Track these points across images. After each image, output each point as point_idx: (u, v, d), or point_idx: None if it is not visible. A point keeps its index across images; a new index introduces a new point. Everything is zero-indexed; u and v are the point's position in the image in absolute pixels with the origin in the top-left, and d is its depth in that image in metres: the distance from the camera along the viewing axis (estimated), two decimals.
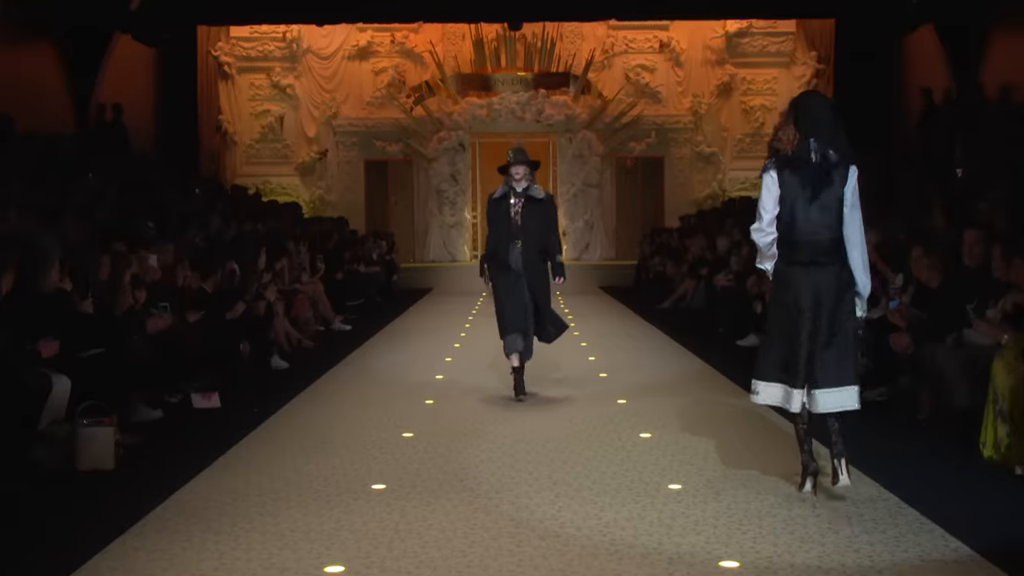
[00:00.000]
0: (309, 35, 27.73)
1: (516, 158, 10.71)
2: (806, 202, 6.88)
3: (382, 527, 6.34)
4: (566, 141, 27.34)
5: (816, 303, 6.84)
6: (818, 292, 6.85)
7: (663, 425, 9.26)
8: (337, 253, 20.10)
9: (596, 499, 6.91)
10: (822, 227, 6.86)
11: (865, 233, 7.04)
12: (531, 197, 10.72)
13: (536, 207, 10.74)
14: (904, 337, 9.53)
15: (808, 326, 6.84)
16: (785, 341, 6.96)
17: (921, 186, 14.79)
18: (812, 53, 27.52)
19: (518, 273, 10.59)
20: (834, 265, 6.88)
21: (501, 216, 10.76)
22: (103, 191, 15.77)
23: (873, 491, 7.03)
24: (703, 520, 6.42)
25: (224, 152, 27.67)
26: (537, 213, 10.73)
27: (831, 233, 6.87)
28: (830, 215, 6.86)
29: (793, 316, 6.90)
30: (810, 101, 7.35)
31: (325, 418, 9.66)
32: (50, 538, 6.20)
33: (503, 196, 10.77)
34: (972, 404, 8.06)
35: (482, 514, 6.58)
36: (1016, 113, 17.58)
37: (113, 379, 8.58)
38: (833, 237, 6.87)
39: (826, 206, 6.86)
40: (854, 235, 6.89)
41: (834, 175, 6.88)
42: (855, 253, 6.91)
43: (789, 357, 6.92)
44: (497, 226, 10.79)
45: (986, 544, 5.84)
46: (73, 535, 6.21)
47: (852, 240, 6.89)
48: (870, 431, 8.94)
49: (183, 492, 7.15)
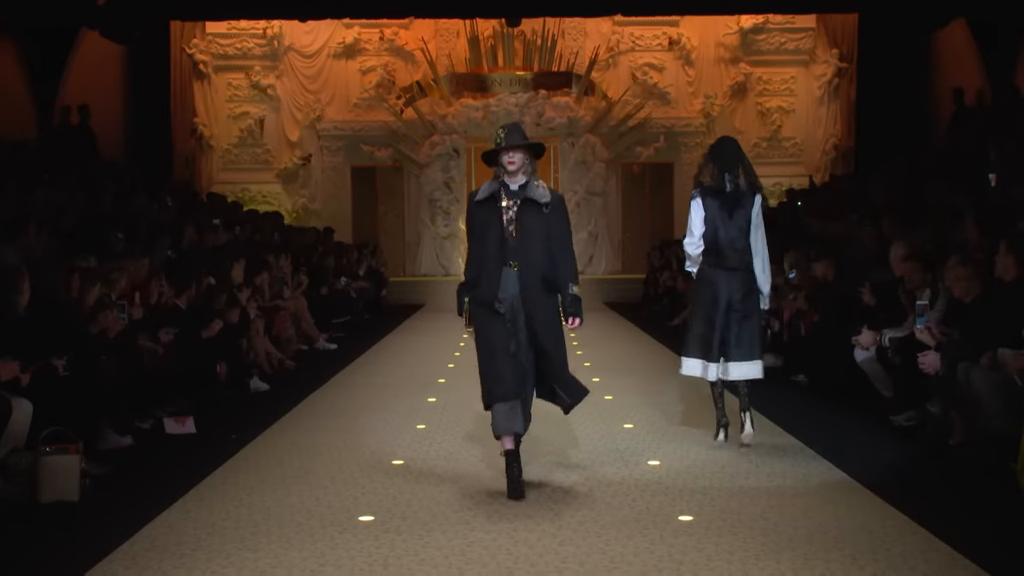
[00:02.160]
0: (291, 32, 27.78)
1: (510, 139, 8.02)
2: (724, 221, 9.34)
3: (370, 563, 6.33)
4: (568, 146, 27.36)
5: (730, 298, 9.32)
6: (732, 290, 9.33)
7: (673, 452, 9.25)
8: (321, 266, 20.09)
9: (601, 532, 6.90)
10: (737, 240, 9.33)
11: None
12: (531, 200, 8.08)
13: (539, 214, 8.08)
14: (934, 357, 9.51)
15: (723, 315, 9.32)
16: (706, 326, 9.41)
17: (952, 193, 14.80)
18: (834, 51, 27.58)
19: (514, 311, 8.06)
20: (745, 270, 9.35)
21: (487, 226, 8.17)
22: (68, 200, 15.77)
23: (902, 524, 7.02)
24: (716, 555, 6.41)
25: (199, 157, 27.69)
26: (541, 222, 8.08)
27: (743, 244, 9.32)
28: (742, 231, 9.32)
29: (713, 307, 9.36)
30: (725, 145, 9.71)
31: (308, 445, 9.64)
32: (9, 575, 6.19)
33: (490, 197, 8.15)
34: (1008, 429, 8.05)
35: (478, 548, 6.57)
36: None
37: (79, 403, 8.54)
38: (744, 248, 9.33)
39: (738, 224, 9.32)
40: (757, 247, 9.36)
41: (743, 201, 9.35)
42: (758, 260, 9.37)
43: (707, 339, 9.40)
44: (482, 241, 8.23)
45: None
46: (35, 574, 6.19)
47: (756, 250, 9.36)
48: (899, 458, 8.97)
49: (154, 526, 7.13)
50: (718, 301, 9.33)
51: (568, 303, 8.12)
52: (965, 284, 9.74)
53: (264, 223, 22.54)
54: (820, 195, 23.17)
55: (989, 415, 8.46)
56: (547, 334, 8.08)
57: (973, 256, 10.20)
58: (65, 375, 8.60)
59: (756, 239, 9.34)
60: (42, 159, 18.90)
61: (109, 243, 12.84)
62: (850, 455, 8.91)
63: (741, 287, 9.32)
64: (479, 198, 8.20)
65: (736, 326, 9.32)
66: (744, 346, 9.35)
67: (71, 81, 22.20)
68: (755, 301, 9.39)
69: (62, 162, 19.12)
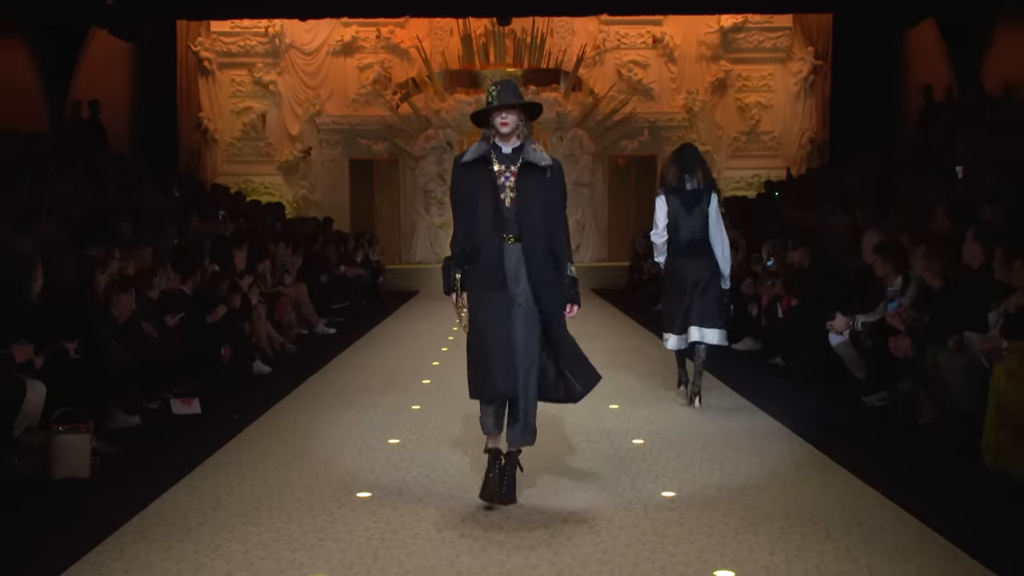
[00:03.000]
0: (292, 30, 27.70)
1: (502, 98, 6.98)
2: (684, 215, 10.30)
3: (367, 536, 6.33)
4: (557, 139, 27.31)
5: (696, 279, 10.27)
6: (697, 272, 10.27)
7: (656, 431, 9.27)
8: (321, 254, 20.08)
9: (588, 507, 6.91)
10: (696, 231, 10.27)
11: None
12: (531, 164, 7.06)
13: (540, 180, 7.06)
14: (904, 340, 9.54)
15: (690, 293, 10.27)
16: (677, 305, 10.38)
17: (922, 185, 14.81)
18: (809, 49, 27.56)
19: (526, 296, 7.01)
20: (705, 256, 10.27)
21: (478, 194, 7.04)
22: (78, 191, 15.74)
23: (873, 499, 7.04)
24: (697, 528, 6.42)
25: (204, 150, 27.62)
26: (542, 190, 7.05)
27: (702, 235, 10.26)
28: (701, 224, 10.25)
29: (682, 289, 10.33)
30: (685, 150, 10.73)
31: (309, 424, 9.65)
32: (23, 549, 6.18)
33: (480, 159, 7.06)
34: (974, 409, 8.07)
35: (470, 523, 6.58)
36: (1019, 111, 17.61)
37: (89, 385, 8.57)
38: (703, 238, 10.26)
39: (697, 218, 10.27)
40: (716, 237, 10.27)
41: (701, 198, 10.31)
42: (718, 248, 10.27)
43: (677, 314, 10.36)
44: (472, 210, 7.06)
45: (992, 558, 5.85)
46: (47, 546, 6.19)
47: (715, 240, 10.27)
48: (871, 437, 8.99)
49: (161, 501, 7.14)
50: (685, 283, 10.31)
51: (566, 286, 7.06)
52: (933, 272, 9.78)
53: (266, 213, 22.54)
54: (797, 186, 23.17)
55: (956, 395, 8.50)
56: (557, 320, 7.05)
57: (941, 245, 10.23)
58: (76, 358, 8.61)
59: (715, 231, 10.28)
60: (54, 152, 18.85)
61: (116, 232, 12.80)
62: (824, 434, 8.93)
63: (705, 269, 10.25)
64: (466, 159, 7.06)
65: (699, 299, 10.25)
66: (705, 313, 10.25)
67: (81, 77, 22.14)
68: (717, 280, 10.31)
69: (73, 155, 19.07)
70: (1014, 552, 5.96)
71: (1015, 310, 8.30)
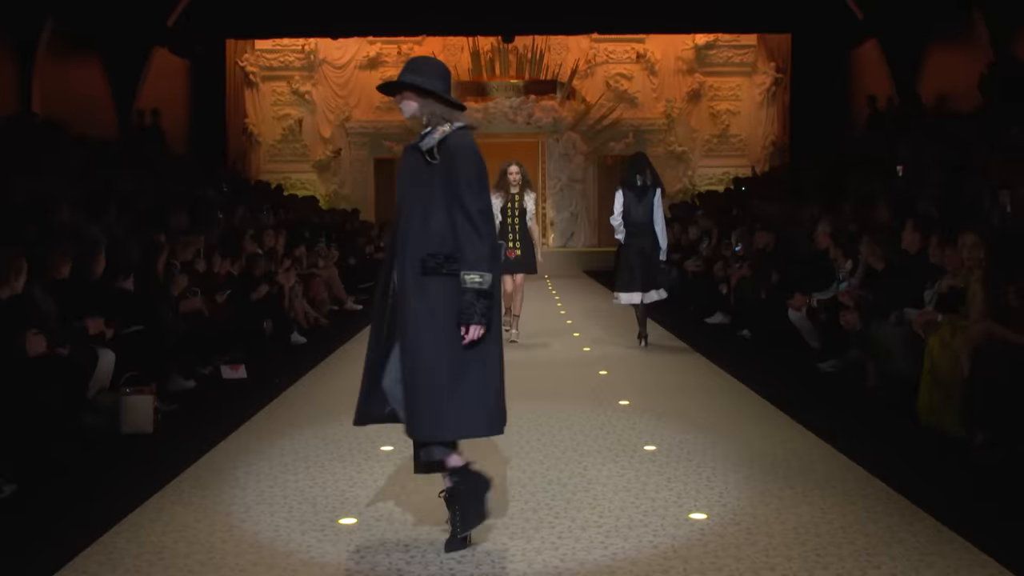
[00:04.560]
0: (325, 47, 27.67)
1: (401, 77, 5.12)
2: (635, 205, 11.98)
3: (391, 484, 6.34)
4: (554, 141, 27.30)
5: (641, 253, 11.92)
6: (643, 246, 11.92)
7: (640, 393, 9.27)
8: (350, 240, 20.05)
9: (580, 459, 6.92)
10: (643, 217, 11.92)
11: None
12: (415, 149, 5.12)
13: (419, 168, 5.06)
14: (853, 315, 9.55)
15: (639, 264, 11.91)
16: (629, 272, 11.98)
17: (868, 182, 14.79)
18: (771, 64, 27.50)
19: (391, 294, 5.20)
20: (650, 235, 11.92)
21: None
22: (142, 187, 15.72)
23: (825, 451, 7.05)
24: (675, 477, 6.43)
25: (249, 151, 27.59)
26: (424, 180, 5.02)
27: (648, 220, 11.90)
28: (647, 212, 11.92)
29: (633, 260, 11.95)
30: (638, 157, 12.62)
31: (339, 387, 9.64)
32: (98, 493, 6.20)
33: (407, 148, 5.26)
34: (911, 373, 8.08)
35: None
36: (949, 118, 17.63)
37: (152, 353, 8.60)
38: (648, 222, 11.90)
39: (645, 207, 11.94)
40: (657, 220, 11.95)
41: (648, 192, 11.97)
42: (658, 228, 11.94)
43: (631, 278, 11.94)
44: None
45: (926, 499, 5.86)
46: (118, 491, 6.20)
47: (656, 222, 11.94)
48: (824, 398, 9.00)
49: (213, 453, 7.15)
50: (632, 254, 11.99)
51: (462, 302, 4.88)
52: (876, 256, 9.79)
53: (302, 205, 22.52)
54: (761, 183, 23.13)
55: (896, 362, 8.51)
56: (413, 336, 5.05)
57: (883, 233, 10.23)
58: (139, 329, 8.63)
59: (657, 217, 11.98)
60: (122, 154, 18.85)
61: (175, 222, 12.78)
62: (784, 396, 8.93)
63: (648, 245, 11.92)
64: None
65: (644, 269, 11.91)
66: (648, 280, 11.94)
67: (145, 89, 22.18)
68: (657, 252, 11.99)
69: (138, 156, 19.07)
70: (945, 495, 5.97)
71: (947, 289, 8.30)
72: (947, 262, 8.47)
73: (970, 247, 7.97)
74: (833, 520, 5.58)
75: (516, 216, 12.42)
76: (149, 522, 5.64)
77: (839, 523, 5.53)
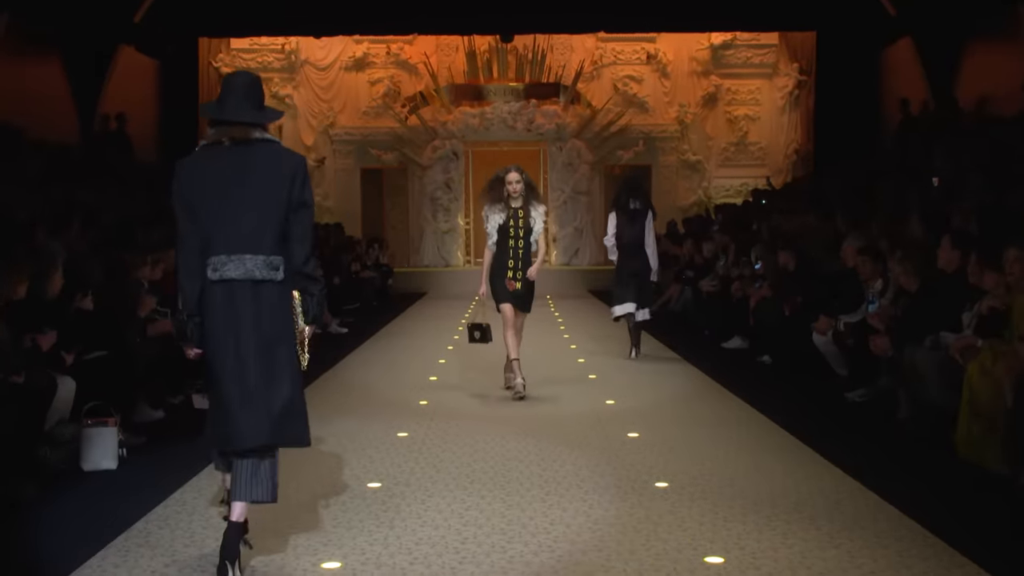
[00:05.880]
0: (307, 47, 27.73)
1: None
2: (629, 227, 13.32)
3: (377, 524, 6.33)
4: (556, 150, 27.31)
5: (635, 274, 13.33)
6: (636, 266, 13.33)
7: (650, 425, 9.26)
8: (334, 257, 20.05)
9: (585, 497, 6.91)
10: (637, 237, 13.30)
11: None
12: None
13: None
14: (884, 339, 9.54)
15: (631, 281, 13.33)
16: (623, 287, 13.39)
17: (900, 193, 14.82)
18: (794, 65, 27.53)
19: None
20: (642, 256, 13.32)
21: None
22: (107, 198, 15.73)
23: (853, 488, 7.03)
24: (689, 517, 6.42)
25: None
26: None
27: (639, 242, 13.28)
28: (639, 232, 13.28)
29: (626, 276, 13.39)
30: (632, 179, 14.47)
31: (322, 418, 9.61)
32: (55, 535, 6.18)
33: None
34: (948, 404, 8.07)
35: (475, 511, 6.57)
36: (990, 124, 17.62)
37: (116, 381, 8.58)
38: (640, 244, 13.29)
39: (637, 230, 13.29)
40: (650, 244, 13.37)
41: (641, 215, 13.32)
42: (649, 250, 13.38)
43: (625, 293, 13.37)
44: None
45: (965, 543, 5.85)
46: (78, 533, 6.19)
47: (648, 244, 13.36)
48: (852, 430, 8.98)
49: (185, 489, 7.14)
50: (625, 276, 13.41)
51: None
52: (908, 276, 9.78)
53: None
54: (783, 195, 23.15)
55: (932, 392, 8.50)
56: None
57: (916, 250, 10.23)
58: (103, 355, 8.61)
59: (648, 239, 13.37)
60: (84, 161, 18.86)
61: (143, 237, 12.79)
62: (808, 427, 8.93)
63: (640, 265, 13.33)
64: None
65: (637, 287, 13.35)
66: (641, 299, 13.43)
67: (110, 91, 22.18)
68: (648, 272, 13.44)
69: (102, 164, 19.08)
70: (986, 538, 5.96)
71: (988, 311, 8.29)
72: (988, 281, 8.47)
73: (1013, 264, 7.97)
74: (863, 565, 5.57)
75: (520, 237, 10.79)
76: (112, 567, 5.62)
77: (869, 568, 5.52)
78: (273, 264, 5.37)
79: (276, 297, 5.41)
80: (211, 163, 5.46)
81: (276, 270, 5.37)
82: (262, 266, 5.34)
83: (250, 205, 5.35)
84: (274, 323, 5.40)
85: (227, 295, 5.34)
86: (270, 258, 5.36)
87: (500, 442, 8.57)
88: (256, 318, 5.35)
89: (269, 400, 5.38)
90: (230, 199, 5.35)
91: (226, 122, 5.49)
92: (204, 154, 5.52)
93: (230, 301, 5.34)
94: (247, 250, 5.32)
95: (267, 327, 5.37)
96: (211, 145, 5.49)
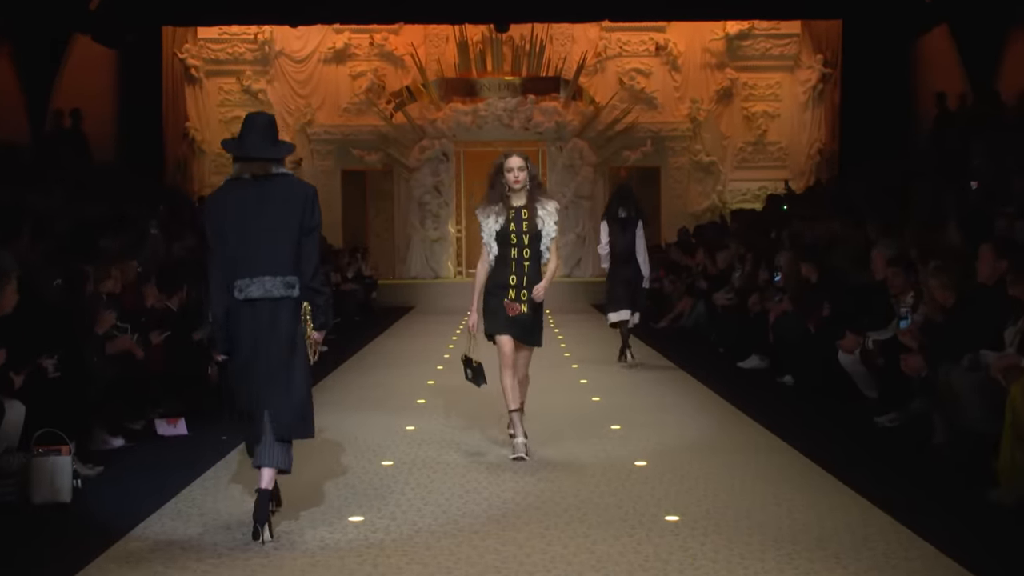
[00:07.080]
0: (282, 37, 27.75)
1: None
2: (620, 234, 14.76)
3: (359, 562, 6.33)
4: (556, 150, 27.35)
5: (627, 282, 14.77)
6: (628, 274, 14.76)
7: (659, 453, 9.25)
8: None
9: (588, 532, 6.90)
10: (629, 246, 14.71)
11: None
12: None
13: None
14: (917, 358, 9.53)
15: (624, 287, 14.80)
16: (617, 295, 14.83)
17: (935, 198, 14.84)
18: (818, 56, 27.59)
19: None
20: (633, 263, 14.74)
21: None
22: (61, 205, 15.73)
23: (885, 523, 7.03)
24: (701, 554, 6.41)
25: (191, 161, 27.64)
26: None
27: (631, 250, 14.70)
28: (631, 240, 14.72)
29: (619, 284, 14.82)
30: (622, 188, 15.77)
31: (300, 445, 9.60)
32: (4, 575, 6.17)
33: None
34: (989, 429, 8.06)
35: (466, 547, 6.57)
36: None
37: (71, 405, 8.54)
38: (631, 252, 14.71)
39: (628, 238, 14.72)
40: (640, 250, 14.77)
41: (631, 224, 14.75)
42: (640, 258, 14.79)
43: (619, 300, 14.82)
44: None
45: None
46: (27, 572, 6.18)
47: (639, 252, 14.77)
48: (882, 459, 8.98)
49: (146, 525, 7.13)
50: (617, 283, 14.86)
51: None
52: (944, 288, 9.75)
53: None
54: (804, 199, 23.17)
55: (970, 415, 8.48)
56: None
57: (953, 260, 10.21)
58: (56, 376, 8.59)
59: (639, 247, 14.80)
60: (35, 162, 18.85)
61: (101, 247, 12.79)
62: (834, 455, 8.92)
63: (632, 272, 14.78)
64: None
65: (629, 293, 14.81)
66: (634, 303, 14.85)
67: (63, 85, 22.17)
68: (640, 279, 14.89)
69: (55, 166, 19.06)
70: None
71: None
72: None
73: None
74: None
75: (525, 244, 9.16)
76: None
77: None
78: (290, 283, 6.91)
79: (292, 310, 6.94)
80: (235, 196, 6.97)
81: (292, 288, 6.92)
82: (280, 286, 6.88)
83: (269, 233, 6.86)
84: (291, 333, 6.94)
85: (251, 311, 6.85)
86: (287, 278, 6.91)
87: (494, 472, 8.56)
88: (276, 330, 6.88)
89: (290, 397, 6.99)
90: (251, 228, 6.86)
91: (247, 158, 6.95)
92: (228, 187, 7.06)
93: (253, 316, 6.85)
94: (267, 272, 6.84)
95: (285, 337, 6.91)
96: (235, 180, 6.99)
